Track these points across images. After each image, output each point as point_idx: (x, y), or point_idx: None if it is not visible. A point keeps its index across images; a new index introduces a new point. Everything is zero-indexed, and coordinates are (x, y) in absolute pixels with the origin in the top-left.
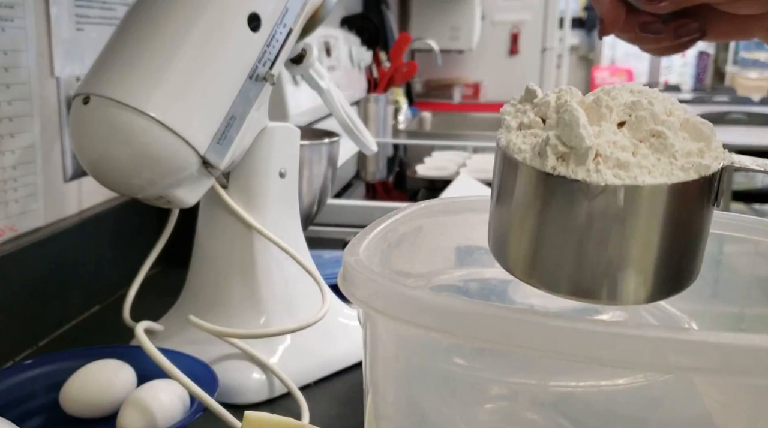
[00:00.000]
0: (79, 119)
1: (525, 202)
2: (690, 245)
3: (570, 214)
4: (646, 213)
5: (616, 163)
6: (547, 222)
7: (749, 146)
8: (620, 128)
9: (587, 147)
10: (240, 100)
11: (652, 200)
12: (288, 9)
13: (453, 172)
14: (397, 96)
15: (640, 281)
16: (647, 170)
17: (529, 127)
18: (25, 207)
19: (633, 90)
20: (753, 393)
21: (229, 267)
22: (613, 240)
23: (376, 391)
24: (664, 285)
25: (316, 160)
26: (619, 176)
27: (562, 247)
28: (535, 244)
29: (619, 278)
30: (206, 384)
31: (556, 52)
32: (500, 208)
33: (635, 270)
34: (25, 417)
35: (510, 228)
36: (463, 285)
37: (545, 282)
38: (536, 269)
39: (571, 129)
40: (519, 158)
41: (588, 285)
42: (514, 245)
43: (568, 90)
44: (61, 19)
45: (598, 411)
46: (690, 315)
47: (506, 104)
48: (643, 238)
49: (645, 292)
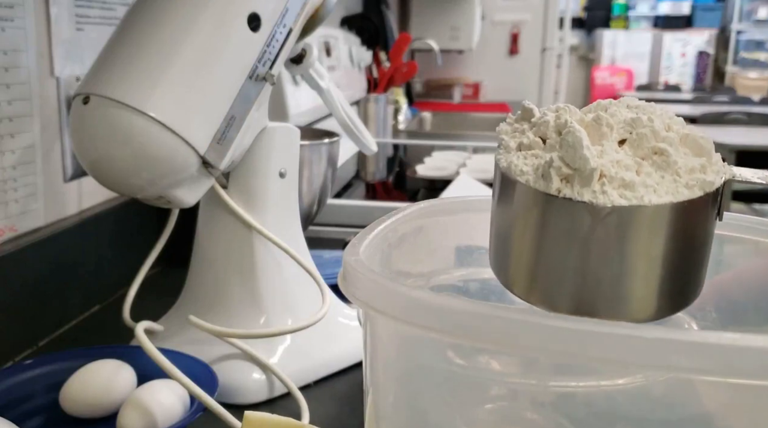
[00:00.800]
0: (79, 119)
1: (526, 223)
2: (695, 260)
3: (574, 235)
4: (653, 232)
5: (621, 183)
6: (549, 243)
7: (749, 146)
8: (621, 146)
9: (592, 168)
10: (240, 100)
11: (659, 219)
12: (288, 9)
13: (453, 172)
14: (397, 96)
15: (645, 300)
16: (652, 189)
17: (529, 148)
18: (25, 207)
19: (630, 105)
20: (753, 394)
21: (228, 268)
22: (618, 260)
23: (376, 391)
24: (669, 303)
25: (316, 160)
26: (626, 196)
27: (566, 268)
28: (537, 264)
29: (624, 298)
30: (206, 384)
31: (556, 52)
32: (501, 227)
33: (641, 289)
34: (25, 417)
35: (511, 248)
36: (463, 285)
37: (547, 302)
38: (538, 289)
39: (575, 150)
40: (522, 180)
41: (591, 305)
42: (516, 265)
43: (566, 108)
44: (61, 19)
45: (598, 411)
46: (690, 316)
47: (502, 123)
48: (649, 257)
49: (650, 310)
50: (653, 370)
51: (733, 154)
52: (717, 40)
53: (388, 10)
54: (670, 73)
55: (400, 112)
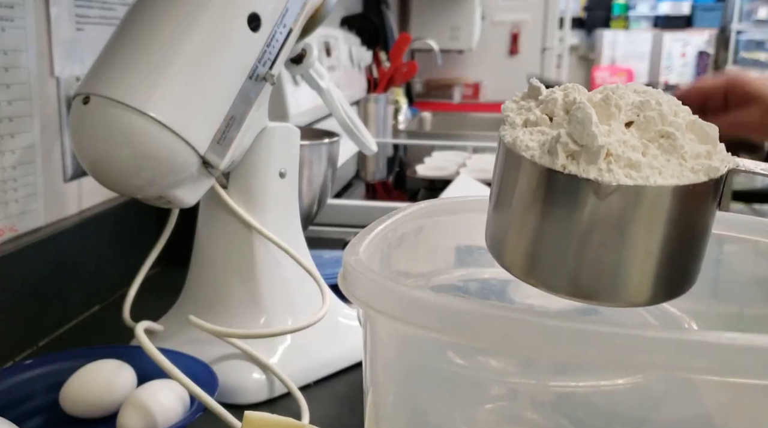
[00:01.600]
0: (79, 119)
1: (529, 200)
2: (695, 246)
3: (576, 213)
4: (656, 213)
5: (627, 163)
6: (551, 221)
7: None
8: (628, 128)
9: (599, 145)
10: (240, 100)
11: (663, 201)
12: (288, 9)
13: (453, 172)
14: (397, 96)
15: (643, 282)
16: (658, 171)
17: (535, 124)
18: (25, 207)
19: (637, 90)
20: (753, 394)
21: (228, 267)
22: (619, 240)
23: (376, 391)
24: (666, 287)
25: (316, 160)
26: (631, 176)
27: (566, 246)
28: (537, 243)
29: (622, 279)
30: (206, 384)
31: (556, 52)
32: (501, 205)
33: (640, 271)
34: (25, 417)
35: (511, 226)
36: (463, 285)
37: (545, 282)
38: (536, 268)
39: (584, 126)
40: (527, 155)
41: (589, 285)
42: (515, 243)
43: (574, 87)
44: (61, 19)
45: (598, 411)
46: (690, 315)
47: (508, 101)
48: (650, 239)
49: (647, 294)
50: (653, 370)
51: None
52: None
53: (388, 10)
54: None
55: (400, 112)
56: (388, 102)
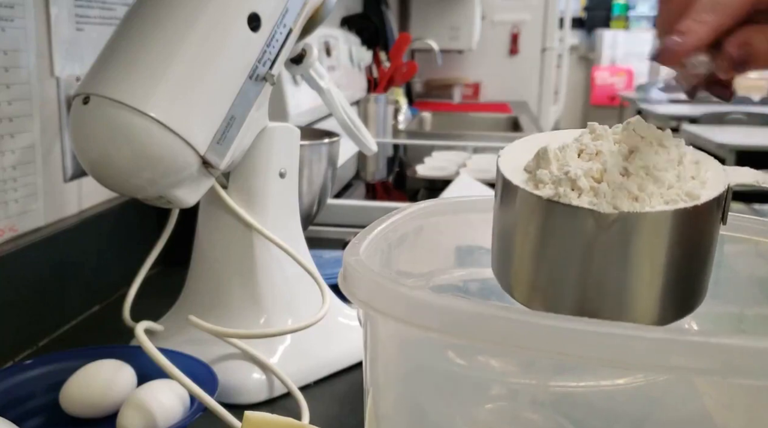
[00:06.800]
0: (79, 119)
1: (528, 230)
2: (699, 267)
3: (580, 240)
4: (657, 238)
5: (628, 191)
6: (551, 250)
7: (749, 146)
8: (630, 154)
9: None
10: (240, 100)
11: (666, 226)
12: (288, 9)
13: (453, 172)
14: (397, 96)
15: (649, 307)
16: (659, 196)
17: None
18: (25, 207)
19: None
20: (753, 394)
21: (229, 268)
22: (622, 267)
23: (376, 391)
24: (673, 309)
25: (316, 160)
26: (633, 205)
27: (567, 274)
28: (538, 271)
29: (627, 305)
30: (206, 384)
31: (556, 52)
32: (502, 234)
33: (645, 296)
34: (25, 417)
35: (512, 255)
36: (463, 285)
37: (548, 310)
38: (538, 295)
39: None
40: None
41: (592, 312)
42: (516, 271)
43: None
44: (61, 19)
45: (598, 411)
46: (690, 316)
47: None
48: (653, 264)
49: (654, 318)
50: (653, 370)
51: (733, 154)
52: None
53: (388, 10)
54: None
55: (400, 112)
56: (388, 102)
